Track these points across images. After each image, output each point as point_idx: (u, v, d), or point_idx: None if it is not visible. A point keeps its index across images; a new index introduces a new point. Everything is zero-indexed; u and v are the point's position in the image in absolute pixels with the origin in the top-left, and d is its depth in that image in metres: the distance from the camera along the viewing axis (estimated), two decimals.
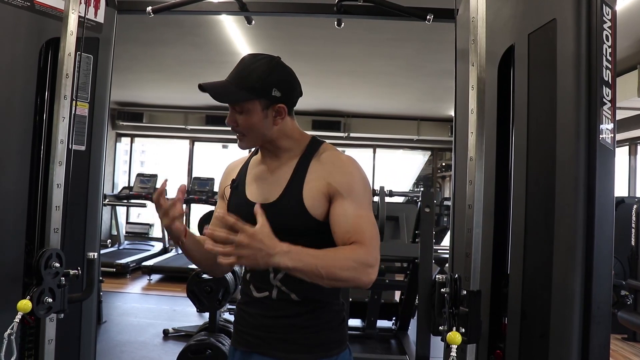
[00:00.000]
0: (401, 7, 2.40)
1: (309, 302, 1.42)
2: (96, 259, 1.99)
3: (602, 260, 1.58)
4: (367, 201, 1.40)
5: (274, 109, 1.42)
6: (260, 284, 1.46)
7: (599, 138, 1.58)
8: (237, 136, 1.46)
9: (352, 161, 1.44)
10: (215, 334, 3.81)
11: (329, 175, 1.40)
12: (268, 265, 1.18)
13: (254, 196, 1.47)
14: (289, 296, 1.42)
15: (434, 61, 5.68)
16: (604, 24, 1.60)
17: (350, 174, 1.41)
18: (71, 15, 1.90)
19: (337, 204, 1.37)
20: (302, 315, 1.42)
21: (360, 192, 1.39)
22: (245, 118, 1.41)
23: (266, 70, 1.41)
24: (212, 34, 5.13)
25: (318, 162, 1.44)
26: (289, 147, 1.48)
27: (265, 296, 1.44)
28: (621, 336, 5.15)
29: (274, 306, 1.43)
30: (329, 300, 1.46)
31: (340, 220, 1.34)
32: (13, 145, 2.00)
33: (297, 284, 1.36)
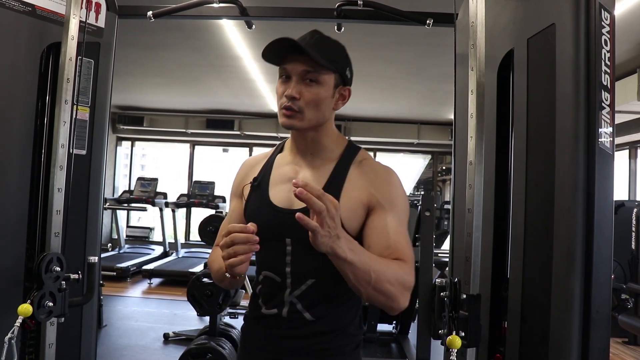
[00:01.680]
0: (401, 12, 2.41)
1: (323, 323, 1.30)
2: (97, 263, 2.00)
3: (602, 264, 1.58)
4: (406, 219, 1.31)
5: (341, 90, 1.34)
6: (270, 299, 1.33)
7: (597, 142, 1.58)
8: (287, 112, 1.28)
9: (394, 173, 1.35)
10: (215, 338, 3.81)
11: (370, 185, 1.29)
12: (332, 249, 1.04)
13: (278, 199, 1.32)
14: (302, 315, 1.29)
15: (435, 65, 5.69)
16: (603, 28, 1.60)
17: (394, 186, 1.32)
18: (72, 20, 1.91)
19: (377, 216, 1.26)
20: (314, 337, 1.29)
21: (402, 207, 1.30)
22: (316, 90, 1.27)
23: (343, 49, 1.33)
24: (212, 38, 5.14)
25: (359, 169, 1.33)
26: (328, 146, 1.36)
27: (274, 314, 1.32)
28: (622, 340, 5.14)
29: (285, 325, 1.30)
30: (346, 322, 1.33)
31: (381, 234, 1.24)
32: (14, 150, 2.01)
33: (315, 302, 1.28)
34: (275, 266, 1.32)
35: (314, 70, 1.27)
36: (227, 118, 9.48)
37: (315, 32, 1.32)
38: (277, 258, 1.31)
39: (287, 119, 1.28)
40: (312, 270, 1.29)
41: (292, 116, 1.28)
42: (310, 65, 1.26)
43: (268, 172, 1.39)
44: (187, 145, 10.61)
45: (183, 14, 2.49)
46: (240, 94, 7.78)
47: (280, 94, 1.29)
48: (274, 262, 1.32)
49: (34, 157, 2.07)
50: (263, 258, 1.36)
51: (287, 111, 1.27)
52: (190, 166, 10.62)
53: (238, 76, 6.63)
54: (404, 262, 1.21)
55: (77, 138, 2.13)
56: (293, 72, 1.27)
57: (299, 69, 1.27)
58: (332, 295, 1.31)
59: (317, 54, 1.24)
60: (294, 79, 1.27)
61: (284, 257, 1.30)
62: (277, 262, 1.31)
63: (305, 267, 1.29)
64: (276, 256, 1.31)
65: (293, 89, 1.26)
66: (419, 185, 11.37)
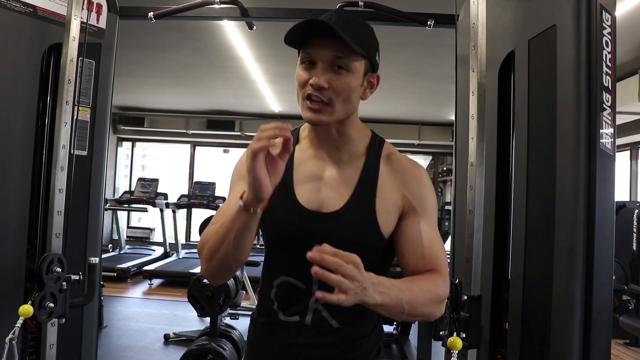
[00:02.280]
0: (402, 13, 2.41)
1: (348, 329, 1.21)
2: (97, 264, 2.00)
3: (603, 265, 1.58)
4: (436, 220, 1.23)
5: (370, 77, 1.20)
6: (290, 305, 1.22)
7: (598, 143, 1.58)
8: (314, 105, 1.13)
9: (424, 170, 1.26)
10: (216, 339, 3.81)
11: (404, 185, 1.20)
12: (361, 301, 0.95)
13: (305, 199, 1.19)
14: (327, 322, 1.20)
15: (435, 65, 5.69)
16: (604, 29, 1.61)
17: (425, 185, 1.22)
18: (73, 21, 1.91)
19: (411, 221, 1.18)
20: (339, 345, 1.21)
21: (433, 209, 1.22)
22: (347, 79, 1.12)
23: (372, 30, 1.19)
24: (213, 39, 5.14)
25: (389, 166, 1.23)
26: (354, 138, 1.24)
27: (295, 321, 1.21)
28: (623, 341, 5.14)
29: (306, 333, 1.20)
30: (370, 329, 1.26)
31: (415, 243, 1.16)
32: (15, 150, 2.01)
33: (342, 309, 1.11)
34: (300, 272, 1.19)
35: (344, 56, 1.11)
36: (227, 119, 9.48)
37: (343, 11, 1.18)
38: (303, 264, 1.12)
39: (314, 114, 1.13)
40: None
41: (320, 110, 1.13)
42: (341, 50, 1.10)
43: (290, 167, 1.23)
44: (187, 145, 10.61)
45: (184, 14, 2.50)
46: (241, 94, 7.78)
47: (303, 82, 1.14)
48: (298, 268, 1.18)
49: (35, 158, 2.08)
50: (283, 261, 1.25)
51: (313, 104, 1.12)
52: (191, 167, 10.62)
53: (239, 77, 6.63)
54: (438, 274, 1.13)
55: (78, 139, 2.13)
56: (320, 58, 1.12)
57: (327, 54, 1.11)
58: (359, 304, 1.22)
59: (350, 38, 1.08)
60: (320, 66, 1.12)
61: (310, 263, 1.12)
62: (303, 268, 1.13)
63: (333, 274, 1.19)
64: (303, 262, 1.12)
65: (321, 77, 1.10)
66: None
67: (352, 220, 1.16)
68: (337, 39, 1.08)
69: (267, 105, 8.44)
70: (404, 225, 1.18)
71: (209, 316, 3.98)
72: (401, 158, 1.26)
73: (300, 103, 1.16)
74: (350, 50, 1.10)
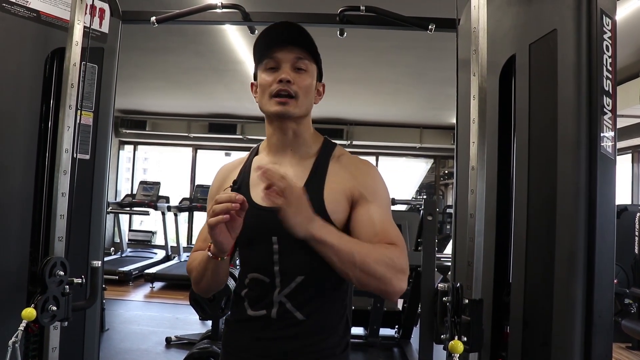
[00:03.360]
0: (403, 17, 2.42)
1: (313, 322, 1.28)
2: (100, 267, 2.00)
3: (604, 269, 1.58)
4: (389, 208, 1.32)
5: (318, 85, 1.38)
6: (257, 301, 1.30)
7: (599, 147, 1.58)
8: (283, 100, 1.28)
9: (373, 165, 1.38)
10: (217, 342, 3.81)
11: (352, 178, 1.30)
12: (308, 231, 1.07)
13: (260, 198, 1.27)
14: (292, 315, 1.27)
15: (437, 69, 5.70)
16: (604, 34, 1.61)
17: (375, 177, 1.33)
18: (76, 25, 1.92)
19: (361, 208, 1.27)
20: (305, 338, 1.27)
21: (385, 197, 1.32)
22: (306, 77, 1.31)
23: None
24: (215, 43, 5.16)
25: (338, 164, 1.34)
26: (307, 141, 1.37)
27: (262, 315, 1.29)
28: (625, 345, 5.12)
29: (272, 327, 1.28)
30: (335, 322, 1.32)
31: (367, 224, 1.24)
32: (18, 154, 2.02)
33: (305, 300, 1.27)
34: (263, 266, 1.29)
35: (304, 57, 1.31)
36: (229, 122, 9.50)
37: (292, 24, 1.33)
38: (264, 258, 1.29)
39: (283, 106, 1.28)
40: (301, 267, 1.27)
41: (287, 103, 1.28)
42: (301, 53, 1.30)
43: (247, 174, 1.38)
44: (189, 149, 10.63)
45: (186, 19, 2.51)
46: (243, 98, 7.80)
47: (269, 83, 1.30)
48: (261, 263, 1.30)
49: (38, 162, 2.08)
50: (249, 260, 1.34)
51: (281, 98, 1.28)
52: (193, 170, 10.63)
53: (240, 80, 6.65)
54: (394, 245, 1.20)
55: (80, 143, 2.14)
56: (284, 60, 1.30)
57: (290, 56, 1.30)
58: (321, 292, 1.30)
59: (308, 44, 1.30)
60: (284, 67, 1.30)
61: (271, 257, 1.28)
62: (265, 262, 1.29)
63: (293, 264, 1.27)
64: (264, 256, 1.29)
65: (287, 74, 1.28)
66: (421, 190, 11.36)
67: None
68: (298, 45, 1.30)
69: None
70: (356, 212, 1.27)
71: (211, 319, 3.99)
72: (351, 157, 1.38)
73: (267, 102, 1.31)
74: (307, 53, 1.31)
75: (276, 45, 1.30)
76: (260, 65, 1.34)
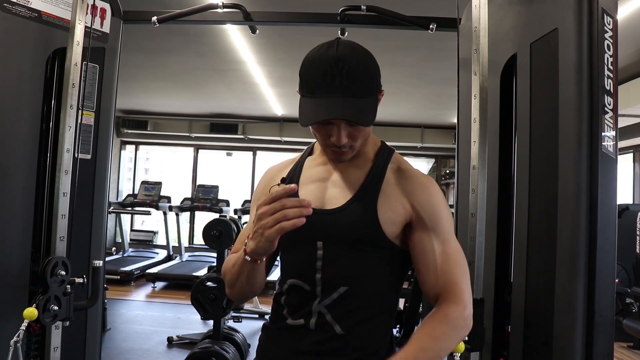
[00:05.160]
0: (404, 17, 2.42)
1: (353, 339, 1.18)
2: (101, 267, 2.01)
3: (605, 268, 1.58)
4: (452, 229, 1.23)
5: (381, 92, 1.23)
6: (297, 309, 1.22)
7: (600, 146, 1.58)
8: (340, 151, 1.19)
9: (434, 181, 1.26)
10: (219, 342, 3.81)
11: (410, 193, 1.20)
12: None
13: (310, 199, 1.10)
14: (331, 327, 1.17)
15: (438, 68, 5.69)
16: (605, 33, 1.61)
17: (435, 196, 1.22)
18: (78, 25, 1.93)
19: (421, 236, 1.18)
20: (342, 355, 1.17)
21: (447, 222, 1.21)
22: (363, 130, 1.18)
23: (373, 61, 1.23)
24: (216, 43, 5.16)
25: (395, 175, 1.24)
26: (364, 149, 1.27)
27: (300, 324, 1.20)
28: (627, 344, 5.11)
29: (310, 338, 1.19)
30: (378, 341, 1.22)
31: (429, 259, 1.17)
32: (20, 154, 2.02)
33: (346, 313, 1.18)
34: (304, 273, 1.21)
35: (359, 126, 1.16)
36: (230, 122, 9.50)
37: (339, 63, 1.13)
38: (306, 263, 1.21)
39: (339, 157, 1.21)
40: (345, 277, 1.19)
41: (343, 154, 1.21)
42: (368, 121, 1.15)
43: (298, 173, 1.29)
44: (190, 149, 10.63)
45: (187, 19, 2.51)
46: (244, 98, 7.80)
47: (323, 137, 1.18)
48: (303, 269, 1.21)
49: (40, 162, 2.09)
50: (290, 264, 1.27)
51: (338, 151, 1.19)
52: (194, 170, 10.63)
53: (242, 80, 6.65)
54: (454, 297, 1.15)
55: (82, 142, 2.14)
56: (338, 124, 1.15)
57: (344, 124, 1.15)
58: (365, 307, 1.20)
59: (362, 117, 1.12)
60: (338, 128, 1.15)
61: (314, 263, 1.20)
62: (307, 268, 1.21)
63: (337, 273, 1.19)
64: (306, 261, 1.21)
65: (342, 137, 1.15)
66: None
67: (352, 215, 1.17)
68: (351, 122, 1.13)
69: (270, 108, 8.45)
70: (416, 238, 1.19)
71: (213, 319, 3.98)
72: (410, 167, 1.27)
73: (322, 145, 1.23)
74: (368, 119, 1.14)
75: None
76: None
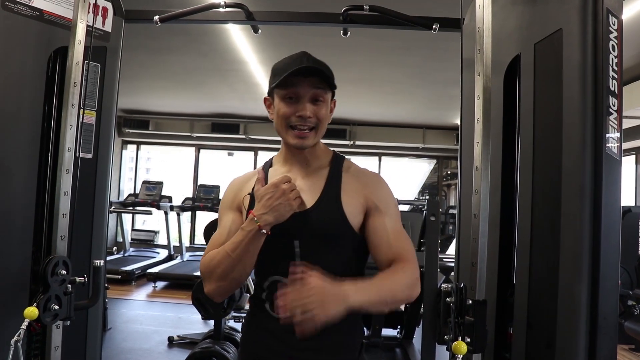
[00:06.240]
0: (407, 17, 2.41)
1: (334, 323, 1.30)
2: (102, 267, 2.00)
3: (609, 270, 1.57)
4: (399, 218, 1.42)
5: (331, 104, 1.44)
6: None
7: (605, 148, 1.57)
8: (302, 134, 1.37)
9: (382, 177, 1.47)
10: (220, 342, 3.81)
11: (364, 188, 1.40)
12: (346, 308, 1.14)
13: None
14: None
15: (440, 69, 5.69)
16: (610, 33, 1.60)
17: (385, 189, 1.43)
18: (79, 24, 1.92)
19: (376, 218, 1.37)
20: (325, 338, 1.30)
21: (395, 208, 1.42)
22: (323, 109, 1.38)
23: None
24: (218, 42, 5.16)
25: (350, 175, 1.43)
26: (319, 155, 1.47)
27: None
28: (628, 347, 5.10)
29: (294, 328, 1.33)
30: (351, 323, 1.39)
31: (382, 235, 1.35)
32: (21, 153, 2.02)
33: None
34: (285, 269, 1.30)
35: (323, 91, 1.37)
36: (232, 122, 9.50)
37: (307, 54, 1.40)
38: (286, 260, 1.32)
39: (302, 140, 1.37)
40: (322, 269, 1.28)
41: (306, 136, 1.37)
42: (320, 86, 1.36)
43: (265, 181, 1.43)
44: (192, 148, 10.64)
45: (189, 18, 2.50)
46: (246, 98, 7.80)
47: (287, 115, 1.37)
48: (282, 265, 1.32)
49: (41, 161, 2.08)
50: (270, 263, 1.39)
51: (300, 131, 1.36)
52: (196, 170, 10.64)
53: (244, 80, 6.65)
54: (406, 261, 1.32)
55: (83, 142, 2.14)
56: (303, 94, 1.36)
57: (311, 91, 1.35)
58: None
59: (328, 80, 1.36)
60: (303, 100, 1.36)
61: (293, 259, 1.35)
62: (287, 265, 1.30)
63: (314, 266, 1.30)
64: (285, 259, 1.34)
65: (307, 109, 1.35)
66: (424, 190, 11.34)
67: (322, 214, 1.35)
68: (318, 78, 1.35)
69: None
70: (372, 222, 1.37)
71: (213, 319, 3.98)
72: (361, 169, 1.48)
73: (285, 132, 1.40)
74: (326, 85, 1.37)
75: (295, 76, 1.34)
76: (277, 90, 1.39)
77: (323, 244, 1.23)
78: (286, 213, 1.26)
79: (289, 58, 1.40)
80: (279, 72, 1.37)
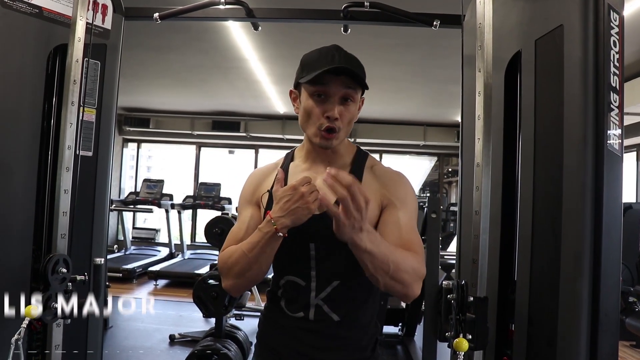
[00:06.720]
0: (407, 13, 2.40)
1: (347, 323, 1.38)
2: (103, 265, 1.99)
3: (610, 267, 1.56)
4: (416, 216, 1.39)
5: (361, 99, 1.41)
6: (294, 302, 1.40)
7: (606, 144, 1.57)
8: (328, 135, 1.34)
9: (404, 176, 1.43)
10: (221, 340, 3.81)
11: (384, 187, 1.38)
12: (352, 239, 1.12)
13: None
14: (329, 316, 1.37)
15: (441, 66, 5.68)
16: (612, 29, 1.59)
17: (404, 187, 1.40)
18: (79, 22, 1.91)
19: (390, 212, 1.34)
20: (340, 337, 1.37)
21: (412, 206, 1.37)
22: (352, 109, 1.35)
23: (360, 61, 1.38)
24: (218, 40, 5.15)
25: (371, 174, 1.41)
26: (343, 152, 1.44)
27: (300, 317, 1.39)
28: (629, 343, 5.10)
29: (310, 326, 1.37)
30: (367, 322, 1.42)
31: (393, 228, 1.31)
32: (21, 151, 2.01)
33: (341, 303, 1.36)
34: (300, 270, 1.38)
35: (354, 91, 1.33)
36: (233, 120, 9.49)
37: (340, 48, 1.35)
38: (301, 262, 1.37)
39: (327, 141, 1.34)
40: (337, 272, 1.36)
41: (333, 137, 1.33)
42: (351, 85, 1.32)
43: (285, 180, 1.40)
44: (193, 146, 10.64)
45: (189, 15, 2.49)
46: (246, 95, 7.79)
47: (318, 115, 1.33)
48: (298, 266, 1.38)
49: (41, 159, 2.08)
50: (286, 262, 1.40)
51: (328, 133, 1.33)
52: (196, 168, 10.64)
53: (244, 78, 6.64)
54: (416, 253, 1.28)
55: (83, 139, 2.13)
56: (334, 94, 1.32)
57: (342, 91, 1.31)
58: (356, 295, 1.39)
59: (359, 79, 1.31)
60: (334, 100, 1.32)
61: (308, 262, 1.36)
62: (302, 267, 1.37)
63: (329, 270, 1.36)
64: (300, 260, 1.37)
65: (336, 110, 1.31)
66: (425, 187, 11.34)
67: None
68: (351, 77, 1.30)
69: (272, 106, 8.44)
70: (384, 215, 1.35)
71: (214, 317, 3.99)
72: (384, 168, 1.45)
73: (311, 130, 1.36)
74: (357, 84, 1.32)
75: (329, 73, 1.30)
76: (307, 86, 1.34)
77: (338, 247, 1.19)
78: (304, 217, 1.22)
79: (319, 52, 1.36)
80: (308, 67, 1.33)
